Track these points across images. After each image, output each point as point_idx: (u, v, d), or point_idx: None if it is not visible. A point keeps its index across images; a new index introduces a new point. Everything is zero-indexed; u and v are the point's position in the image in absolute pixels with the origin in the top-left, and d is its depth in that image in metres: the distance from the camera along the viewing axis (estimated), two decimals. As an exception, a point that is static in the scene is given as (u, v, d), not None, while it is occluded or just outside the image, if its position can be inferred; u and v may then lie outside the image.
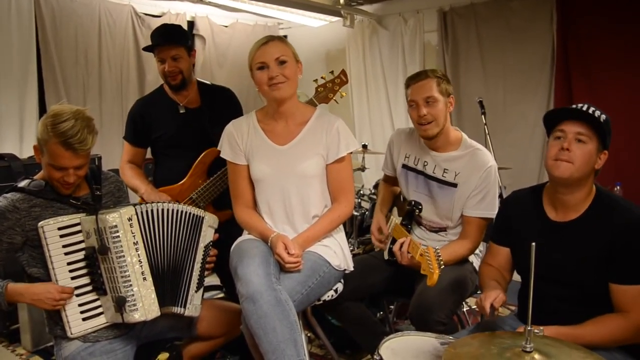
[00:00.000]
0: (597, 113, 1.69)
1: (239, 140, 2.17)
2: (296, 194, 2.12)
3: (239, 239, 2.17)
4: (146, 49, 2.69)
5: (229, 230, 2.28)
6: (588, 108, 1.70)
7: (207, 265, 2.07)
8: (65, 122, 1.75)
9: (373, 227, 2.46)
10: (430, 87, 2.21)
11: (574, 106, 1.72)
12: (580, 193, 1.73)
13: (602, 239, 1.67)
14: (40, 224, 1.78)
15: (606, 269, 1.66)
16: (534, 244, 1.33)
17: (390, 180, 2.62)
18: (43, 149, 1.80)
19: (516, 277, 1.97)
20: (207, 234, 2.06)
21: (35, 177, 1.92)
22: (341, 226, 2.25)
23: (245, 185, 2.19)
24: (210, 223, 2.07)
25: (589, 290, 1.71)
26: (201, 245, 2.03)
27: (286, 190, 2.12)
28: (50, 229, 1.79)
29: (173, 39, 2.63)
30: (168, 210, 1.95)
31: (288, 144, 2.14)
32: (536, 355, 1.29)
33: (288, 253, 1.97)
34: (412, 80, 2.28)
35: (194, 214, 2.01)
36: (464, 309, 3.05)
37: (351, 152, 2.16)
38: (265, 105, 2.21)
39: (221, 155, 2.21)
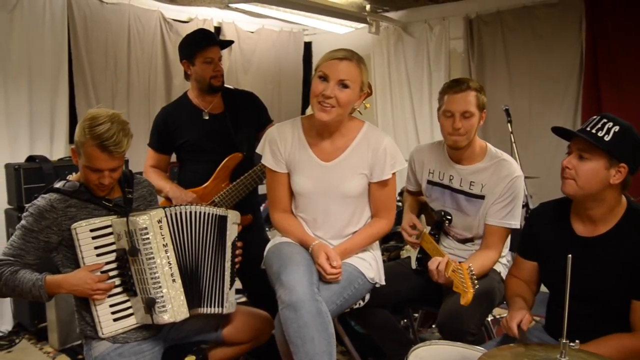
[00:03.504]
0: (609, 126, 1.63)
1: (281, 148, 2.10)
2: (336, 212, 2.09)
3: (277, 241, 2.13)
4: (200, 48, 2.64)
5: (248, 235, 2.28)
6: (597, 123, 1.66)
7: (235, 260, 2.08)
8: (101, 125, 1.80)
9: (405, 224, 2.41)
10: (470, 100, 2.15)
11: (594, 119, 1.69)
12: (602, 208, 1.69)
13: (632, 256, 1.63)
14: (72, 226, 1.82)
15: (631, 286, 1.63)
16: (570, 256, 1.31)
17: (414, 194, 2.61)
18: (80, 151, 1.85)
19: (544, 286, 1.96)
20: (232, 231, 2.07)
21: (70, 179, 1.96)
22: (377, 242, 2.22)
23: (284, 192, 2.15)
24: (233, 220, 2.08)
25: (615, 307, 1.67)
26: (228, 244, 2.04)
27: (327, 207, 2.08)
28: (83, 230, 1.83)
29: (219, 42, 2.71)
30: (195, 212, 1.98)
31: (333, 160, 2.07)
32: (570, 369, 1.28)
33: (330, 264, 1.94)
34: (451, 89, 2.19)
35: (218, 215, 2.02)
36: (489, 319, 3.01)
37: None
38: (312, 115, 2.09)
39: (262, 161, 2.16)
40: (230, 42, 2.92)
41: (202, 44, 2.64)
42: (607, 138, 1.63)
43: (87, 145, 1.81)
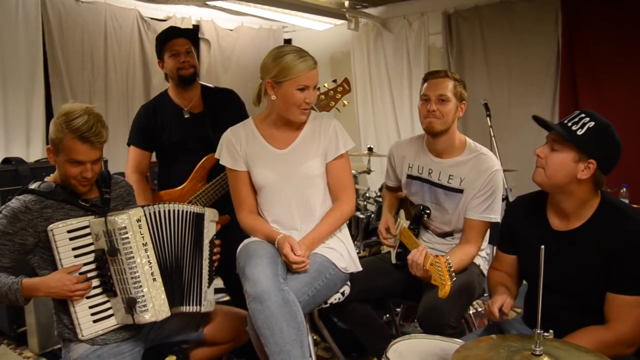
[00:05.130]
0: (585, 121, 1.65)
1: (237, 147, 2.16)
2: (300, 196, 2.13)
3: (246, 241, 2.18)
4: (165, 42, 2.67)
5: (228, 234, 2.28)
6: (575, 117, 1.68)
7: (214, 257, 2.08)
8: (78, 118, 1.79)
9: (381, 227, 2.46)
10: (446, 86, 2.23)
11: (573, 113, 1.71)
12: (574, 202, 1.71)
13: (605, 249, 1.64)
14: (49, 227, 1.79)
15: (606, 278, 1.65)
16: (542, 246, 1.32)
17: (393, 190, 2.62)
18: (59, 147, 1.83)
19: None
20: (210, 229, 2.07)
21: (47, 180, 1.93)
22: (345, 225, 2.25)
23: (247, 191, 2.20)
24: (211, 218, 2.08)
25: (590, 300, 1.69)
26: (206, 242, 2.04)
27: (290, 193, 2.13)
28: (60, 231, 1.80)
29: (186, 34, 2.72)
30: (173, 210, 1.97)
31: (288, 147, 2.15)
32: (545, 359, 1.29)
33: (294, 254, 1.97)
34: (430, 76, 2.29)
35: (195, 213, 2.02)
36: (471, 312, 3.04)
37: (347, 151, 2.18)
38: (262, 112, 2.22)
39: (220, 162, 2.21)
40: (194, 31, 2.92)
41: (166, 38, 2.68)
42: (579, 132, 1.65)
43: (67, 139, 1.79)
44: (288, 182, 2.12)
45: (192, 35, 2.84)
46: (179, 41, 2.66)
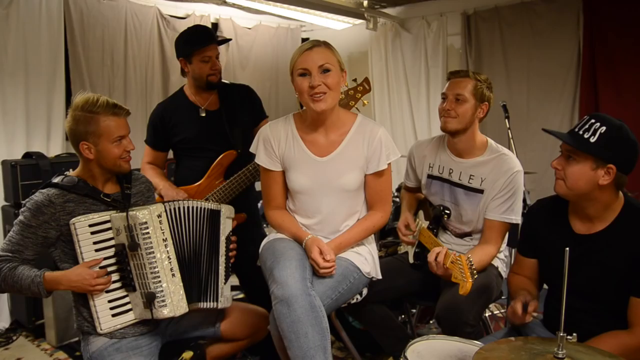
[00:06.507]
0: (596, 127, 1.63)
1: (275, 146, 2.09)
2: (334, 207, 2.08)
3: (272, 237, 2.14)
4: (197, 47, 2.60)
5: (244, 233, 2.27)
6: (585, 124, 1.66)
7: (230, 254, 2.08)
8: (99, 100, 1.89)
9: (400, 224, 2.44)
10: (464, 86, 2.20)
11: (582, 120, 1.70)
12: (597, 206, 1.69)
13: (629, 253, 1.63)
14: (71, 221, 1.81)
15: (629, 282, 1.63)
16: (567, 249, 1.31)
17: (412, 190, 2.61)
18: (96, 134, 1.87)
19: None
20: (226, 226, 2.07)
21: (69, 174, 1.96)
22: (373, 236, 2.22)
23: (279, 190, 2.15)
24: (227, 214, 2.08)
25: (613, 304, 1.67)
26: (222, 238, 2.04)
27: (324, 202, 2.08)
28: (82, 225, 1.82)
29: (216, 39, 2.71)
30: (192, 207, 1.98)
31: (328, 155, 2.07)
32: (568, 362, 1.28)
33: (323, 258, 1.95)
34: (452, 75, 2.28)
35: (211, 209, 2.02)
36: (487, 314, 3.01)
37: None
38: (303, 111, 2.11)
39: (256, 160, 2.15)
40: (228, 40, 2.91)
41: (200, 44, 2.61)
42: (592, 139, 1.63)
43: (102, 121, 1.86)
44: (322, 192, 2.07)
45: (223, 42, 2.83)
46: (212, 47, 2.63)
